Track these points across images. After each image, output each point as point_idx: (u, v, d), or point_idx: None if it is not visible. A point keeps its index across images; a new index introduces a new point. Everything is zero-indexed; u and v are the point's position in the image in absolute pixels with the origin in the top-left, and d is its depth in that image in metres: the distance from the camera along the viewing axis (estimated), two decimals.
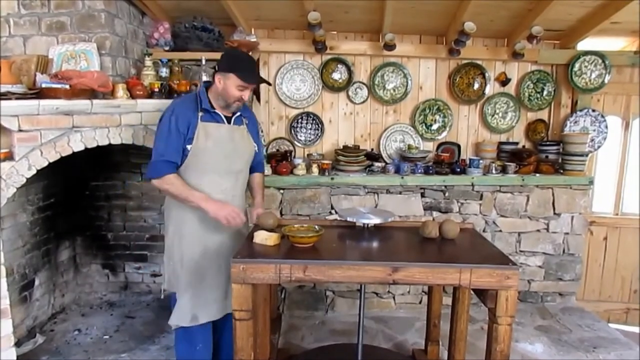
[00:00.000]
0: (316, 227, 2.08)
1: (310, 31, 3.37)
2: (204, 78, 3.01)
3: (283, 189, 3.46)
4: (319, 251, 1.97)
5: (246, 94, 2.25)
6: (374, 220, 2.26)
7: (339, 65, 3.77)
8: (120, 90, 2.53)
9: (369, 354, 2.70)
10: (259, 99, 3.66)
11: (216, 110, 2.28)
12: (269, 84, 2.51)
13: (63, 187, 3.05)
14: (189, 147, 2.20)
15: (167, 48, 3.21)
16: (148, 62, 2.88)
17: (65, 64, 2.59)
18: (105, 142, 2.42)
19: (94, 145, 2.37)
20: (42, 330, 2.81)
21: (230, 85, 2.20)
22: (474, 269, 1.79)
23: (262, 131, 3.38)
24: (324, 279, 1.82)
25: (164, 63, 2.97)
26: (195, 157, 2.22)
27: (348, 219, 2.29)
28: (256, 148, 2.49)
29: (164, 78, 2.93)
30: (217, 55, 3.16)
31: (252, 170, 2.58)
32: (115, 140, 2.47)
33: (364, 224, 2.29)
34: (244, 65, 2.24)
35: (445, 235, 2.13)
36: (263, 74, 3.73)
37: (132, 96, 2.58)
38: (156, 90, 2.70)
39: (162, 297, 2.45)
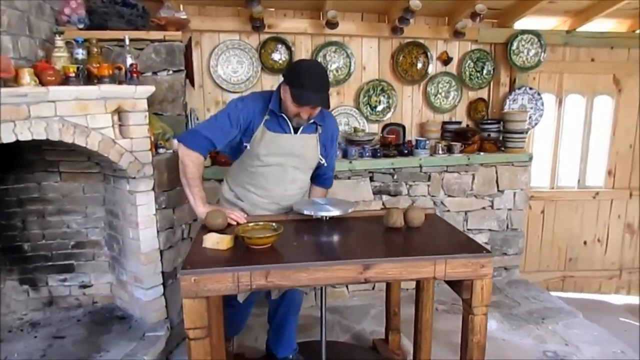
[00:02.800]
0: (274, 224, 1.86)
1: (246, 8, 3.10)
2: (129, 60, 2.65)
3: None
4: (279, 252, 1.76)
5: (305, 113, 2.08)
6: (334, 213, 2.08)
7: (278, 45, 3.52)
8: (26, 76, 2.11)
9: (331, 350, 2.55)
10: (192, 84, 3.33)
11: (284, 115, 2.14)
12: (328, 108, 2.17)
13: None
14: (247, 144, 2.17)
15: (81, 26, 2.78)
16: (59, 42, 2.45)
17: None
18: (12, 139, 2.02)
19: None
20: None
21: (287, 99, 2.06)
22: (448, 260, 1.68)
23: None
24: (289, 284, 1.62)
25: (79, 43, 2.55)
26: (249, 159, 2.21)
27: (305, 212, 2.09)
28: (323, 161, 2.35)
29: (80, 61, 2.52)
30: (142, 35, 2.85)
31: (317, 182, 2.50)
32: (24, 136, 2.08)
33: (322, 216, 2.10)
34: (303, 81, 1.99)
35: (411, 224, 2.00)
36: (195, 55, 3.40)
37: (42, 83, 2.17)
38: (72, 75, 2.30)
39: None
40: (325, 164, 2.38)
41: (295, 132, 2.19)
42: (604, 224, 4.39)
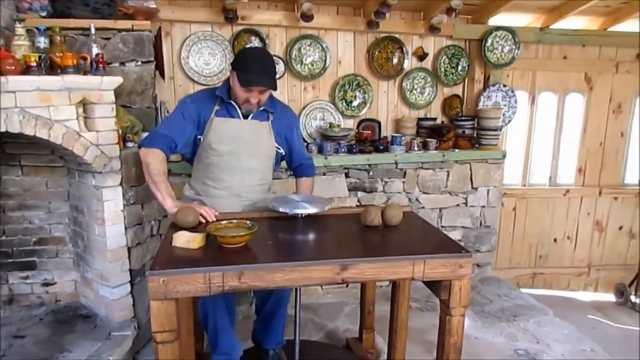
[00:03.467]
0: (248, 222, 1.80)
1: None
2: (95, 50, 2.53)
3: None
4: (253, 251, 1.70)
5: (254, 98, 2.12)
6: (310, 210, 2.03)
7: (252, 37, 3.43)
8: None
9: (304, 349, 2.50)
10: (162, 75, 3.21)
11: (232, 102, 2.21)
12: (274, 89, 2.20)
13: None
14: (201, 137, 2.21)
15: (43, 13, 2.63)
16: (20, 30, 2.31)
17: None
18: None
19: None
20: None
21: (236, 84, 2.11)
22: (427, 260, 1.65)
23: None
24: (264, 285, 1.56)
25: (41, 31, 2.41)
26: (204, 150, 2.23)
27: (280, 210, 2.03)
28: (281, 150, 2.39)
29: (42, 50, 2.38)
30: (109, 24, 2.72)
31: (299, 173, 2.55)
32: None
33: (298, 214, 2.05)
34: (247, 63, 2.07)
35: (389, 223, 1.96)
36: (165, 46, 3.28)
37: (1, 72, 2.05)
38: (33, 64, 2.18)
39: None
40: (283, 152, 2.42)
41: (246, 118, 2.24)
42: (574, 221, 4.48)
